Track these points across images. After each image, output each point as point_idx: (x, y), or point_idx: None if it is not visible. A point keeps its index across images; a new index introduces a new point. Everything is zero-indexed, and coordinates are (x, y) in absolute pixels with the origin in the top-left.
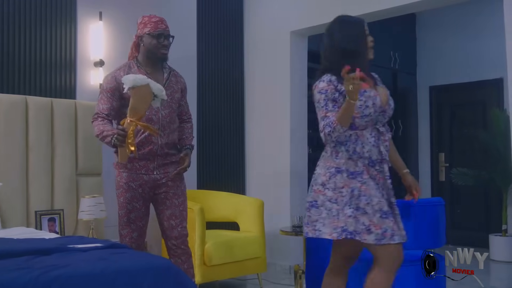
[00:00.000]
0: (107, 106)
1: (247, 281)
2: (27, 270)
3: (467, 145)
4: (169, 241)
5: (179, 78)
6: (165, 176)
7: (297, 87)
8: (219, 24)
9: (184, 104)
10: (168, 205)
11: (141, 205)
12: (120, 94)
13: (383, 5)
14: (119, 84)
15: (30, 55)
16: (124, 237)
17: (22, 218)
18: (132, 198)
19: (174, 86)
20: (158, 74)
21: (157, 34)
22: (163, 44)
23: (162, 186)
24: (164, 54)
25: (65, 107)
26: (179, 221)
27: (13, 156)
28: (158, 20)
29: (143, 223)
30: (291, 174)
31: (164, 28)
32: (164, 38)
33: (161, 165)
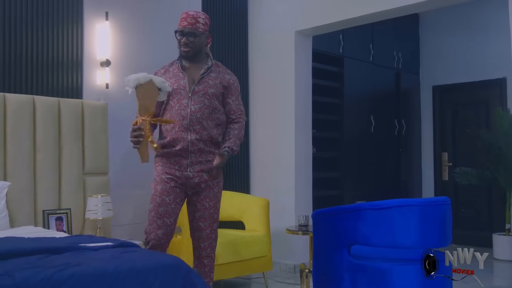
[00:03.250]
0: None
1: (252, 280)
2: (40, 269)
3: (470, 144)
4: (196, 242)
5: (224, 75)
6: (198, 175)
7: (301, 87)
8: (224, 24)
9: (232, 102)
10: (198, 207)
11: (171, 200)
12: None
13: (387, 6)
14: None
15: (37, 55)
16: (149, 233)
17: (30, 217)
18: (163, 191)
19: (210, 81)
20: (196, 69)
21: (177, 31)
22: (182, 41)
23: (194, 186)
24: (184, 52)
25: (72, 107)
26: (209, 224)
27: (21, 155)
28: (182, 18)
29: (171, 221)
30: (296, 174)
31: (184, 25)
32: (184, 35)
33: (195, 163)
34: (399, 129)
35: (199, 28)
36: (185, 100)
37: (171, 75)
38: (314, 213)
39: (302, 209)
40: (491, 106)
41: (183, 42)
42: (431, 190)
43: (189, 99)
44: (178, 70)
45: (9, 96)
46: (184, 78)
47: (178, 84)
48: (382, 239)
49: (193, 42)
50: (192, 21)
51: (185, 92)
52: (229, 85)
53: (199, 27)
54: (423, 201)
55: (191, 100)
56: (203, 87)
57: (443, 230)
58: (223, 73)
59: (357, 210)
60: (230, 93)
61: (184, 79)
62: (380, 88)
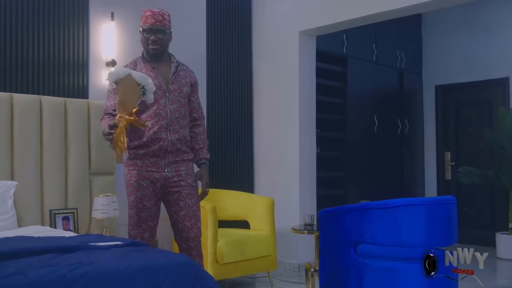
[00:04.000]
0: (113, 103)
1: (256, 279)
2: (54, 268)
3: (472, 144)
4: (184, 243)
5: (189, 73)
6: (176, 175)
7: (305, 86)
8: (228, 24)
9: (195, 100)
10: (182, 206)
11: (152, 204)
12: None
13: (390, 6)
14: None
15: (43, 55)
16: (134, 237)
17: (37, 217)
18: (143, 197)
19: (182, 80)
20: (165, 68)
21: (144, 29)
22: (150, 39)
23: (174, 185)
24: (153, 49)
25: (78, 107)
26: (194, 222)
27: (28, 155)
28: (149, 15)
29: (154, 223)
30: (300, 173)
31: (152, 23)
32: (152, 33)
33: (172, 162)
34: (402, 128)
35: (166, 25)
36: (163, 100)
37: None
38: (321, 212)
39: (306, 209)
40: (493, 105)
41: (152, 39)
42: (433, 189)
43: (166, 98)
44: (148, 70)
45: (16, 96)
46: (157, 78)
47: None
48: (389, 238)
49: (162, 40)
50: (160, 18)
51: (161, 91)
52: (194, 83)
53: (166, 24)
54: (429, 200)
55: (168, 100)
56: (178, 86)
57: (449, 229)
58: (188, 71)
59: (364, 209)
60: (193, 91)
61: (158, 79)
62: (383, 87)
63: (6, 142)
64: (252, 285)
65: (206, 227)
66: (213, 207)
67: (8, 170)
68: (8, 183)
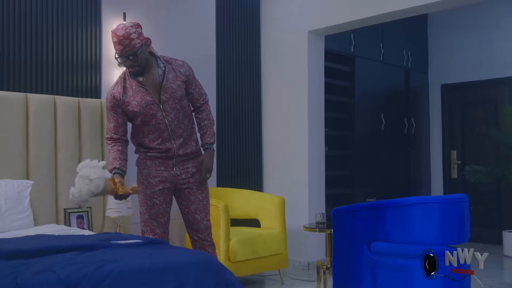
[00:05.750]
0: (113, 125)
1: (265, 277)
2: (82, 265)
3: (478, 142)
4: (195, 235)
5: (179, 70)
6: (184, 172)
7: (314, 86)
8: (237, 24)
9: (193, 91)
10: (192, 200)
11: (161, 201)
12: (122, 109)
13: (397, 6)
14: (118, 100)
15: (57, 56)
16: (147, 234)
17: (51, 215)
18: (152, 194)
19: (173, 85)
20: (154, 78)
21: (117, 55)
22: (127, 64)
23: (183, 182)
24: (132, 72)
25: (92, 107)
26: (204, 215)
27: (42, 155)
28: (115, 41)
29: (165, 220)
30: (309, 172)
31: (121, 50)
32: (125, 58)
33: (179, 162)
34: (409, 127)
35: (136, 44)
36: (159, 113)
37: (133, 93)
38: (334, 210)
39: (315, 207)
40: (499, 104)
41: (128, 65)
42: (440, 188)
43: (162, 111)
44: (137, 86)
45: (31, 96)
46: (148, 93)
47: (145, 101)
48: (403, 236)
49: (138, 60)
50: (126, 42)
51: (155, 106)
52: (188, 77)
53: (136, 44)
54: (442, 198)
55: (164, 112)
56: (170, 94)
57: (462, 227)
58: (177, 68)
59: (378, 208)
60: (190, 83)
61: (149, 94)
62: (390, 87)
63: (22, 141)
64: (262, 283)
65: (218, 226)
66: (225, 206)
67: (24, 169)
68: (24, 182)
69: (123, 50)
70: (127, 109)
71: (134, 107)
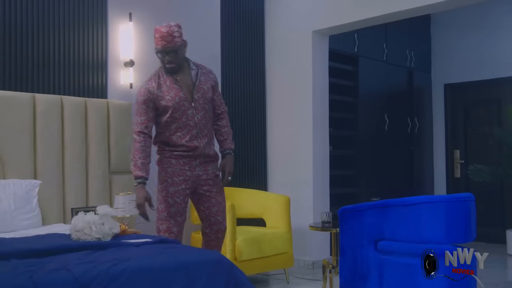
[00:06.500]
0: (145, 118)
1: (270, 276)
2: (95, 264)
3: (481, 142)
4: (213, 234)
5: (209, 75)
6: (205, 173)
7: (318, 85)
8: (242, 25)
9: (217, 98)
10: (213, 202)
11: (181, 200)
12: (154, 104)
13: (401, 7)
14: (152, 94)
15: (64, 56)
16: (163, 232)
17: (59, 215)
18: (175, 193)
19: (203, 86)
20: (187, 78)
21: (158, 50)
22: (166, 59)
23: (205, 184)
24: (170, 68)
25: (98, 107)
26: (223, 216)
27: (50, 154)
28: (157, 37)
29: (182, 219)
30: (314, 172)
31: (163, 45)
32: (165, 54)
33: (202, 163)
34: (412, 127)
35: (177, 42)
36: (190, 111)
37: (167, 89)
38: (341, 209)
39: (320, 207)
40: (502, 104)
41: (167, 60)
42: (443, 187)
43: (193, 108)
44: (171, 83)
45: (38, 96)
46: (182, 90)
47: (179, 97)
48: (409, 235)
49: (176, 57)
50: (169, 39)
51: (187, 103)
52: (215, 83)
53: (177, 42)
54: (449, 198)
55: (194, 110)
56: (202, 94)
57: (468, 226)
58: (207, 73)
59: (384, 207)
60: (214, 90)
61: (182, 91)
62: (393, 86)
63: (29, 141)
64: (267, 282)
65: None
66: (232, 205)
67: (31, 169)
68: (33, 182)
69: (164, 45)
70: (159, 103)
71: (167, 102)
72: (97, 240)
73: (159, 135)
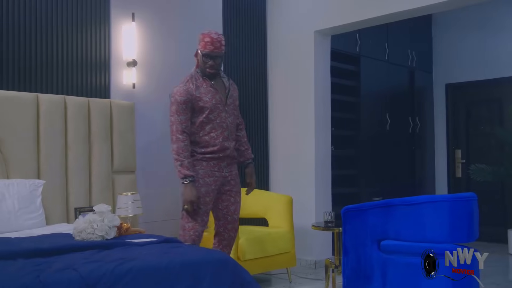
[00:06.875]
0: (185, 117)
1: (273, 276)
2: (101, 263)
3: (483, 141)
4: (227, 233)
5: (235, 86)
6: (230, 174)
7: (321, 85)
8: (244, 25)
9: (237, 109)
10: (232, 201)
11: (210, 200)
12: (192, 105)
13: (402, 7)
14: (192, 95)
15: (67, 56)
16: (188, 230)
17: (62, 214)
18: (206, 193)
19: (233, 94)
20: (220, 84)
21: (203, 54)
22: (209, 64)
23: (227, 184)
24: (210, 72)
25: (101, 107)
26: (238, 216)
27: (53, 154)
28: (208, 41)
29: (207, 219)
30: (316, 171)
31: (211, 49)
32: (211, 59)
33: (229, 164)
34: (413, 126)
35: (223, 50)
36: (223, 114)
37: (204, 91)
38: (344, 209)
39: (322, 206)
40: (504, 103)
41: (210, 64)
42: (444, 187)
43: (226, 112)
44: (208, 86)
45: (42, 96)
46: (218, 93)
47: (215, 99)
48: (413, 234)
49: (218, 64)
50: (218, 45)
51: (222, 106)
52: (237, 95)
53: (223, 50)
54: (452, 197)
55: (226, 113)
56: (233, 100)
57: (471, 225)
58: (233, 84)
59: (388, 206)
60: (237, 100)
61: (218, 94)
62: (395, 86)
63: (33, 141)
64: (269, 281)
65: None
66: None
67: (35, 168)
68: (36, 181)
69: (213, 50)
70: (197, 104)
71: (205, 103)
72: (101, 238)
73: (191, 135)
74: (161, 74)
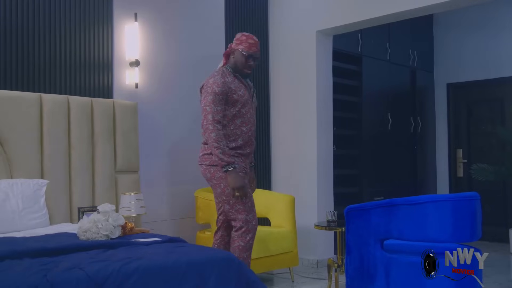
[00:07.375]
0: (221, 108)
1: (275, 275)
2: (108, 262)
3: (484, 141)
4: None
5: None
6: (249, 168)
7: (322, 85)
8: (246, 25)
9: None
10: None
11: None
12: (227, 97)
13: (404, 7)
14: (228, 87)
15: (70, 56)
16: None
17: (65, 214)
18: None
19: (255, 95)
20: (246, 84)
21: (247, 54)
22: (249, 64)
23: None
24: (246, 73)
25: (104, 107)
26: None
27: (56, 154)
28: (252, 43)
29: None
30: (318, 171)
31: (255, 51)
32: (252, 59)
33: (250, 161)
34: (415, 126)
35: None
36: (251, 110)
37: (237, 86)
38: (347, 208)
39: (324, 206)
40: (505, 103)
41: (250, 65)
42: (445, 187)
43: (252, 108)
44: (240, 83)
45: (45, 96)
46: (247, 90)
47: (246, 95)
48: (416, 234)
49: (254, 65)
50: (259, 47)
51: (251, 102)
52: None
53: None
54: (455, 197)
55: (252, 110)
56: (255, 99)
57: (474, 225)
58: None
59: (391, 206)
60: None
61: (248, 91)
62: (396, 86)
63: (36, 141)
64: (272, 281)
65: None
66: None
67: (38, 168)
68: (40, 181)
69: (256, 52)
70: (231, 97)
71: (239, 97)
72: (106, 237)
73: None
74: (164, 74)
